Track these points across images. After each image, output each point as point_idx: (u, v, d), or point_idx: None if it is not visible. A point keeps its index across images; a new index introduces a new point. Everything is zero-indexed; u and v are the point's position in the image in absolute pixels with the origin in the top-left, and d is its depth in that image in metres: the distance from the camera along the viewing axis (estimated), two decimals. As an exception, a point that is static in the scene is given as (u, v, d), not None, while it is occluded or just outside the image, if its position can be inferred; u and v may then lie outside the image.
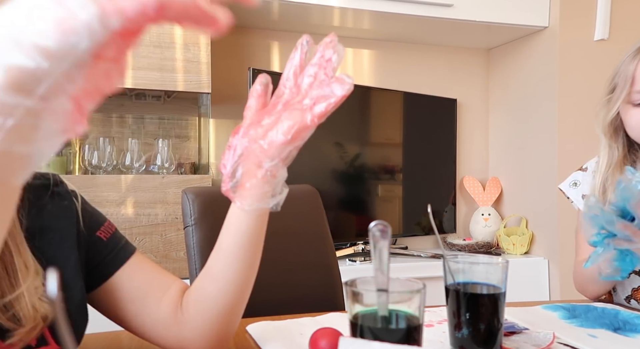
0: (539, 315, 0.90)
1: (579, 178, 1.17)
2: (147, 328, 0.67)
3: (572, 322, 0.86)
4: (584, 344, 0.74)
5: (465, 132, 2.67)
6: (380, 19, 2.22)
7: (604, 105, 1.09)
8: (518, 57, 2.49)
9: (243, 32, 2.29)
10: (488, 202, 2.58)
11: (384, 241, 0.56)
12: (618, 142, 1.09)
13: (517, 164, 2.51)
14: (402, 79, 2.53)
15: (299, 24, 2.27)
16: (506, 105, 2.59)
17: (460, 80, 2.66)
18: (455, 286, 0.69)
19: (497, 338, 0.68)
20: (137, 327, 0.67)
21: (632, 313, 0.90)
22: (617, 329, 0.82)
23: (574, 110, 2.20)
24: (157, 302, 0.67)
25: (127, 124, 2.07)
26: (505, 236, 2.43)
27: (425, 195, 2.48)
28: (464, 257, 0.71)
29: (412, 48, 2.57)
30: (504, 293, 0.68)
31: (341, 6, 2.05)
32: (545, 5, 2.26)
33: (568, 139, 2.20)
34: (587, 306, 0.95)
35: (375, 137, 2.39)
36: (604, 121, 1.09)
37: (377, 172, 2.37)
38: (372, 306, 0.56)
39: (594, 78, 2.16)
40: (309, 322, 0.86)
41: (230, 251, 0.64)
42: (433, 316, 0.88)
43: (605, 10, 2.20)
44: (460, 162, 2.64)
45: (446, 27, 2.32)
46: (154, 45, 1.80)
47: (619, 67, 1.06)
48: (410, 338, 0.54)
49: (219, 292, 0.65)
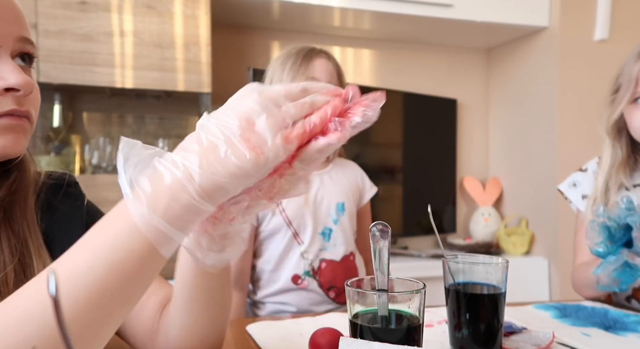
0: (531, 315, 0.91)
1: (578, 179, 1.17)
2: (129, 339, 0.66)
3: (564, 321, 0.87)
4: (581, 343, 0.75)
5: (465, 132, 2.67)
6: (380, 19, 2.22)
7: (607, 105, 1.09)
8: (518, 57, 2.49)
9: (243, 32, 2.29)
10: (488, 202, 2.58)
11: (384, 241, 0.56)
12: (621, 142, 1.09)
13: (517, 164, 2.50)
14: (402, 79, 2.53)
15: (299, 23, 2.27)
16: (506, 105, 2.59)
17: (460, 80, 2.66)
18: (455, 287, 0.69)
19: (497, 338, 0.68)
20: (122, 335, 0.67)
21: (621, 312, 0.91)
22: (608, 328, 0.83)
23: (574, 110, 2.20)
24: (136, 314, 0.64)
25: (128, 124, 2.07)
26: (505, 236, 2.43)
27: (425, 195, 2.48)
28: (464, 257, 0.71)
29: (412, 48, 2.57)
30: (504, 293, 0.68)
31: (341, 6, 2.05)
32: (545, 5, 2.26)
33: (568, 139, 2.20)
34: (578, 305, 0.97)
35: (375, 137, 2.39)
36: (608, 121, 1.08)
37: (377, 171, 2.37)
38: (372, 306, 0.56)
39: (594, 78, 2.16)
40: (309, 322, 0.86)
41: (176, 286, 0.60)
42: (433, 316, 0.88)
43: (606, 10, 2.20)
44: (460, 162, 2.64)
45: (446, 27, 2.32)
46: (154, 45, 1.80)
47: (623, 67, 1.06)
48: (410, 338, 0.54)
49: (180, 315, 0.60)
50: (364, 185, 1.32)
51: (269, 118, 0.40)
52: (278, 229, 1.17)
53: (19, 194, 0.60)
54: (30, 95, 0.56)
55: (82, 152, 1.92)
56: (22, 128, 0.56)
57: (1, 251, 0.56)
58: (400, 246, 2.44)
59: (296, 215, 1.17)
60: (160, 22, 1.81)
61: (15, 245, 0.57)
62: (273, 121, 0.40)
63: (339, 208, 1.22)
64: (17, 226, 0.58)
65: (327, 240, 1.20)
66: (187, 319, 0.60)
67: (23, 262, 0.56)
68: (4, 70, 0.53)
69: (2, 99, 0.53)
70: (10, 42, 0.55)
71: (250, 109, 0.40)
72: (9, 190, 0.59)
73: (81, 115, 2.00)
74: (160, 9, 1.81)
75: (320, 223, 1.19)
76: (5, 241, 0.57)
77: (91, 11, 1.73)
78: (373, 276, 0.57)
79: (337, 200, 1.22)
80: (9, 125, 0.54)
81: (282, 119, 0.41)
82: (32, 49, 0.58)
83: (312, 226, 1.17)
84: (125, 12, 1.77)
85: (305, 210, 1.18)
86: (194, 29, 1.84)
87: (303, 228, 1.17)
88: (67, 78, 1.70)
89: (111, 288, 0.38)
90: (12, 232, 0.58)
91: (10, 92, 0.54)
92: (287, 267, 1.17)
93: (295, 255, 1.17)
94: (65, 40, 1.70)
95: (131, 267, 0.39)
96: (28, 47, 0.58)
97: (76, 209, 0.67)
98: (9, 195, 0.59)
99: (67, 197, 0.68)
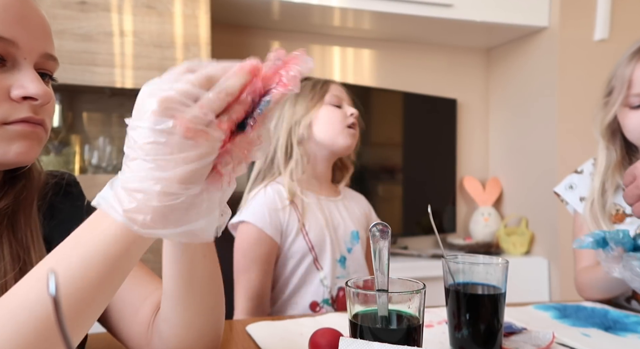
0: (531, 315, 0.91)
1: (575, 181, 1.17)
2: (126, 342, 0.65)
3: (564, 322, 0.88)
4: (581, 343, 0.75)
5: (465, 132, 2.67)
6: (380, 19, 2.22)
7: (601, 107, 1.09)
8: (518, 57, 2.49)
9: (243, 32, 2.29)
10: (488, 202, 2.58)
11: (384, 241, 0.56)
12: (616, 144, 1.09)
13: (517, 164, 2.50)
14: (402, 79, 2.53)
15: (299, 24, 2.27)
16: (506, 105, 2.59)
17: (460, 80, 2.66)
18: (455, 287, 0.69)
19: (497, 339, 0.68)
20: (119, 338, 0.66)
21: (621, 312, 0.91)
22: (608, 329, 0.83)
23: (574, 110, 2.20)
24: (132, 317, 0.64)
25: (127, 124, 2.07)
26: (505, 236, 2.43)
27: (425, 195, 2.48)
28: (464, 257, 0.71)
29: (412, 48, 2.57)
30: (504, 293, 0.68)
31: (341, 6, 2.05)
32: (545, 5, 2.26)
33: (568, 139, 2.20)
34: (577, 305, 0.97)
35: (375, 137, 2.39)
36: (602, 124, 1.08)
37: (377, 171, 2.37)
38: (372, 306, 0.56)
39: (594, 78, 2.15)
40: (309, 322, 0.86)
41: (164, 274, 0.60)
42: (433, 316, 0.88)
43: (606, 10, 2.20)
44: (460, 162, 2.64)
45: (446, 27, 2.32)
46: (154, 45, 1.80)
47: (615, 70, 1.06)
48: (410, 338, 0.54)
49: (172, 313, 0.59)
50: (371, 216, 1.31)
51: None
52: (299, 252, 1.12)
53: (25, 202, 0.61)
54: (46, 105, 0.57)
55: (82, 152, 1.92)
56: (37, 135, 0.57)
57: (2, 258, 0.56)
58: (400, 246, 2.44)
59: (319, 239, 1.13)
60: (160, 22, 1.81)
61: (18, 252, 0.57)
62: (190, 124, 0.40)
63: (354, 236, 1.20)
64: (21, 234, 0.59)
65: (343, 267, 1.17)
66: (180, 315, 0.59)
67: (24, 270, 0.56)
68: (25, 79, 0.54)
69: (19, 106, 0.54)
70: (35, 56, 0.57)
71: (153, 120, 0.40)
72: (16, 197, 0.60)
73: (81, 115, 2.00)
74: (160, 8, 1.81)
75: (337, 249, 1.16)
76: (7, 248, 0.57)
77: (91, 11, 1.73)
78: (373, 276, 0.57)
79: (352, 228, 1.20)
80: (24, 132, 0.55)
81: (200, 119, 0.40)
82: (53, 67, 0.60)
83: (331, 252, 1.14)
84: (125, 12, 1.77)
85: (326, 233, 1.14)
86: (193, 28, 1.84)
87: (323, 254, 1.14)
88: (66, 78, 1.70)
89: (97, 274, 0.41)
90: (14, 239, 0.58)
91: (28, 101, 0.55)
92: (306, 293, 1.12)
93: (314, 281, 1.13)
94: (65, 40, 1.70)
95: (115, 252, 0.42)
96: (50, 63, 0.60)
97: (77, 209, 0.67)
98: (15, 202, 0.60)
99: (69, 197, 0.68)
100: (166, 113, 0.39)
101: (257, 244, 1.09)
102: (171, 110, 0.40)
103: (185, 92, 0.40)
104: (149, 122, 0.39)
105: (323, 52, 2.45)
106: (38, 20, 0.57)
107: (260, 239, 1.09)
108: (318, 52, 2.44)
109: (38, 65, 0.58)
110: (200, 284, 0.59)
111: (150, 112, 0.40)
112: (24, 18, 0.54)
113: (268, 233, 1.09)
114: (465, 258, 0.71)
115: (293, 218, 1.12)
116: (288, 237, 1.12)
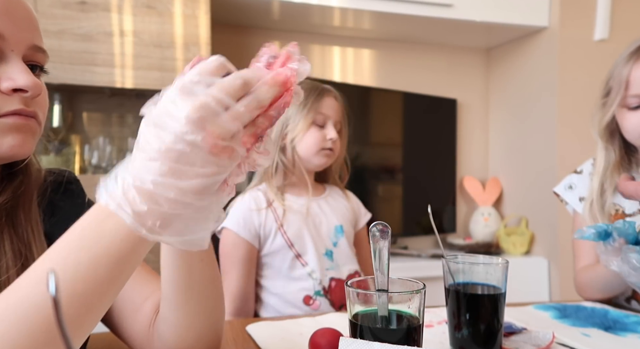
0: (531, 315, 0.91)
1: (574, 181, 1.17)
2: (129, 342, 0.65)
3: (564, 321, 0.87)
4: (581, 343, 0.75)
5: (465, 132, 2.67)
6: (380, 19, 2.22)
7: (599, 108, 1.09)
8: (518, 57, 2.49)
9: (243, 32, 2.29)
10: (488, 202, 2.58)
11: (384, 241, 0.56)
12: (614, 144, 1.08)
13: (517, 164, 2.50)
14: (402, 79, 2.53)
15: (299, 24, 2.27)
16: (506, 105, 2.59)
17: (460, 80, 2.66)
18: (455, 287, 0.69)
19: (497, 339, 0.68)
20: (121, 337, 0.66)
21: (621, 312, 0.91)
22: (608, 329, 0.83)
23: (574, 110, 2.20)
24: (133, 316, 0.64)
25: (127, 124, 2.07)
26: (505, 236, 2.43)
27: (425, 195, 2.48)
28: (464, 257, 0.71)
29: (412, 48, 2.57)
30: (504, 293, 0.68)
31: (341, 6, 2.06)
32: (545, 5, 2.26)
33: (568, 139, 2.20)
34: (577, 305, 0.97)
35: (375, 137, 2.39)
36: (600, 124, 1.08)
37: (377, 171, 2.37)
38: (372, 306, 0.56)
39: (594, 78, 2.15)
40: (309, 322, 0.86)
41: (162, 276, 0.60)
42: (433, 316, 0.88)
43: (606, 10, 2.20)
44: (460, 162, 2.64)
45: (446, 27, 2.32)
46: (154, 45, 1.80)
47: (613, 70, 1.06)
48: (410, 338, 0.54)
49: (172, 315, 0.59)
50: (359, 210, 1.34)
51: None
52: (280, 250, 1.17)
53: (24, 197, 0.60)
54: (38, 98, 0.57)
55: (82, 152, 1.92)
56: (29, 128, 0.56)
57: (4, 255, 0.56)
58: (400, 246, 2.44)
59: (297, 236, 1.17)
60: (160, 22, 1.81)
61: (19, 248, 0.57)
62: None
63: (338, 230, 1.24)
64: (21, 230, 0.59)
65: (331, 260, 1.20)
66: (179, 317, 0.59)
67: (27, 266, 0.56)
68: (14, 71, 0.54)
69: (9, 99, 0.54)
70: (23, 48, 0.56)
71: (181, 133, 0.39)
72: (14, 193, 0.59)
73: (81, 115, 2.00)
74: (160, 8, 1.81)
75: (321, 244, 1.20)
76: (8, 244, 0.57)
77: (91, 11, 1.73)
78: (373, 276, 0.57)
79: (335, 223, 1.24)
80: (16, 124, 0.54)
81: (228, 130, 0.40)
82: (42, 59, 0.60)
83: (314, 247, 1.18)
84: (125, 12, 1.77)
85: (305, 231, 1.18)
86: (193, 28, 1.84)
87: (305, 250, 1.17)
88: (67, 78, 1.70)
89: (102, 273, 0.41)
90: (15, 235, 0.58)
91: (18, 93, 0.54)
92: (297, 289, 1.15)
93: (302, 276, 1.16)
94: (65, 40, 1.70)
95: (118, 252, 0.41)
96: (39, 55, 0.59)
97: (78, 207, 0.67)
98: (14, 198, 0.59)
99: (69, 195, 0.68)
100: (199, 124, 0.38)
101: (235, 247, 1.15)
102: (204, 121, 0.38)
103: (220, 101, 0.39)
104: (180, 129, 0.38)
105: (323, 52, 2.45)
106: (24, 13, 0.56)
107: (237, 243, 1.15)
108: (318, 52, 2.44)
109: (27, 57, 0.57)
110: (199, 287, 0.59)
111: (184, 118, 0.38)
112: (9, 10, 0.54)
113: (242, 236, 1.14)
114: (465, 258, 0.71)
115: (270, 219, 1.17)
116: (268, 238, 1.17)
